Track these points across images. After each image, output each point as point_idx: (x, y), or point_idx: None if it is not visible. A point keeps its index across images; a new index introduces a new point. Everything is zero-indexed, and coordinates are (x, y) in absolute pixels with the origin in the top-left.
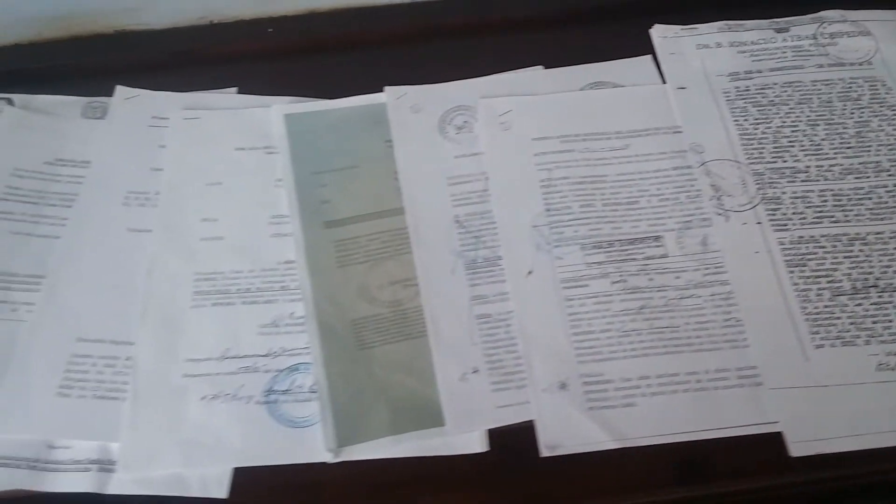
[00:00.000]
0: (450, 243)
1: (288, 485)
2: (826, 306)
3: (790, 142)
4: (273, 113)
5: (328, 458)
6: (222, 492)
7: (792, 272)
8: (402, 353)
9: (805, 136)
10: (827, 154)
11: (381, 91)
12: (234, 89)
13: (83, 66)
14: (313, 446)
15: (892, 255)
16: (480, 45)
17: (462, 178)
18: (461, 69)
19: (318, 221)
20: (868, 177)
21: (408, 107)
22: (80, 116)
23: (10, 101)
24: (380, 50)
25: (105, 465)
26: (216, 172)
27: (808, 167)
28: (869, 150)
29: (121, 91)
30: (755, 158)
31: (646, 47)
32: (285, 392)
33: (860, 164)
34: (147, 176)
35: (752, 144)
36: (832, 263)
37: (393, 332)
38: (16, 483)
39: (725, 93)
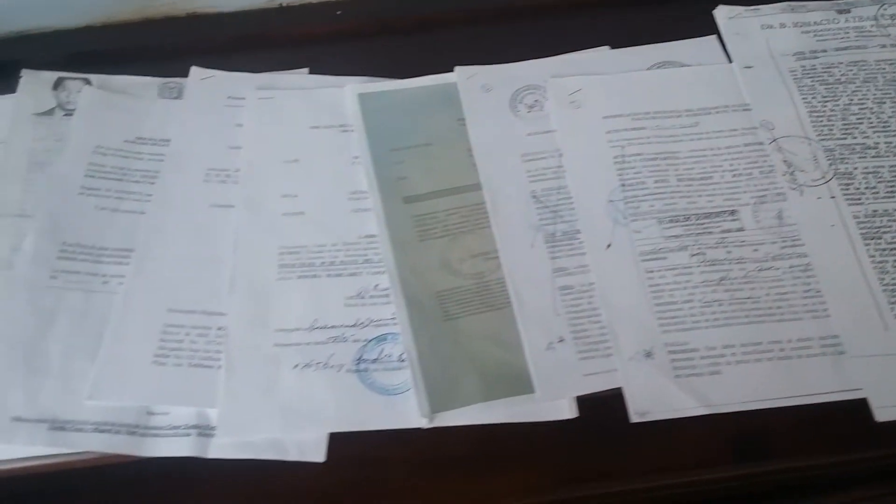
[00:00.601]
0: (528, 218)
1: (382, 450)
2: None
3: (858, 119)
4: (347, 92)
5: (423, 423)
6: (320, 456)
7: (868, 244)
8: (487, 323)
9: (872, 113)
10: (895, 131)
11: (450, 71)
12: (305, 70)
13: (156, 47)
14: (407, 413)
15: None
16: (545, 25)
17: (536, 155)
18: (527, 49)
19: (397, 197)
20: None
21: (478, 86)
22: (156, 96)
23: (87, 81)
24: (445, 31)
25: (204, 431)
26: (293, 150)
27: (877, 143)
28: None
29: (196, 72)
30: (825, 135)
31: (709, 28)
32: (375, 361)
33: None
34: (225, 154)
35: (821, 121)
36: None
37: (476, 303)
38: (117, 448)
39: (792, 71)
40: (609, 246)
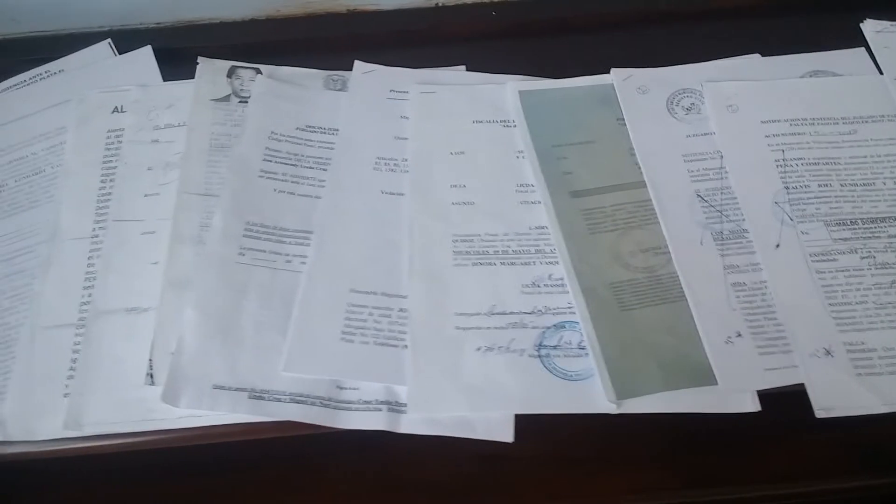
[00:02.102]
0: (694, 216)
1: (565, 432)
2: None
3: None
4: (508, 90)
5: (611, 409)
6: (508, 436)
7: None
8: (663, 315)
9: None
10: None
11: (603, 72)
12: (463, 67)
13: (318, 41)
14: (592, 398)
15: None
16: (693, 31)
17: (697, 156)
18: (676, 53)
19: (564, 191)
20: None
21: (634, 88)
22: (322, 87)
23: (258, 71)
24: (593, 33)
25: (394, 406)
26: (458, 143)
27: None
28: None
29: (359, 65)
30: None
31: (855, 39)
32: (555, 347)
33: None
34: (392, 144)
35: None
36: None
37: (650, 295)
38: (313, 418)
39: None
40: (778, 246)
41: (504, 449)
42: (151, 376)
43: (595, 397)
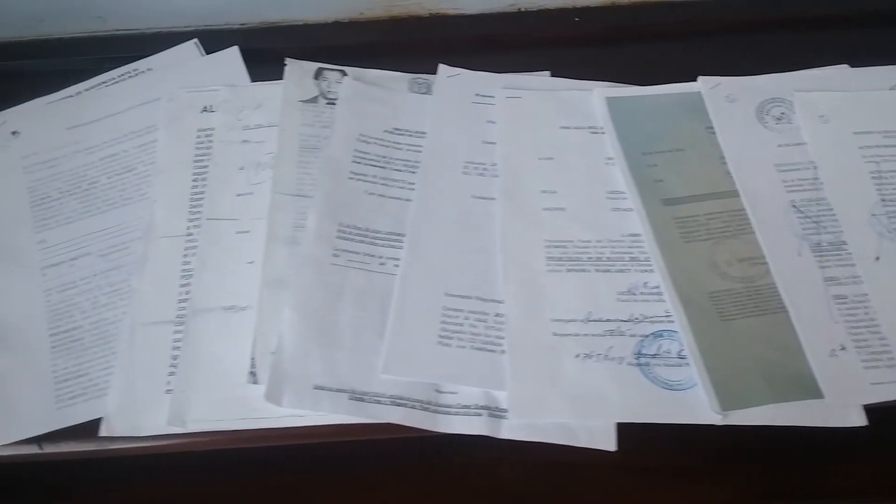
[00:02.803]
0: (791, 227)
1: (669, 442)
2: None
3: None
4: (595, 96)
5: (717, 420)
6: (610, 444)
7: None
8: (764, 326)
9: None
10: None
11: (688, 80)
12: (547, 73)
13: (401, 44)
14: (696, 408)
15: None
16: (778, 40)
17: (790, 166)
18: (760, 63)
19: (657, 199)
20: None
21: (723, 96)
22: (406, 90)
23: (344, 73)
24: (679, 41)
25: (494, 412)
26: (546, 148)
27: None
28: None
29: (443, 69)
30: None
31: None
32: (654, 356)
33: None
34: (480, 148)
35: None
36: None
37: (750, 306)
38: (414, 421)
39: None
40: (878, 259)
41: (575, 456)
42: (254, 375)
43: (699, 408)
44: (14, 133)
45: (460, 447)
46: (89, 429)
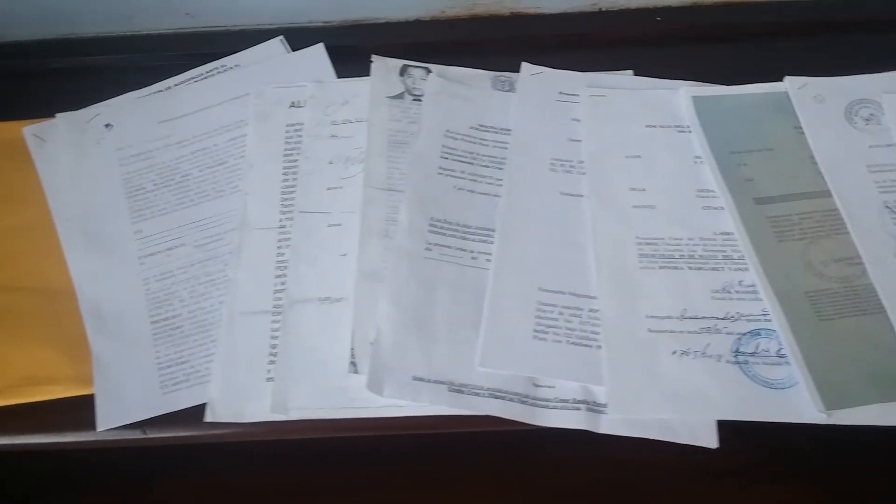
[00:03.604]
0: (885, 227)
1: (769, 441)
2: None
3: None
4: (681, 95)
5: (822, 419)
6: (712, 442)
7: None
8: (864, 327)
9: None
10: None
11: (772, 80)
12: (630, 72)
13: (483, 42)
14: (799, 407)
15: None
16: (862, 41)
17: (882, 167)
18: (845, 63)
19: (748, 198)
20: None
21: (810, 96)
22: (490, 88)
23: (428, 70)
24: (761, 41)
25: (592, 406)
26: (633, 146)
27: None
28: None
29: (526, 67)
30: None
31: None
32: (753, 355)
33: None
34: (566, 146)
35: None
36: None
37: (849, 306)
38: (513, 414)
39: None
40: None
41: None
42: (354, 365)
43: (801, 406)
44: (107, 126)
45: (544, 443)
46: (190, 414)
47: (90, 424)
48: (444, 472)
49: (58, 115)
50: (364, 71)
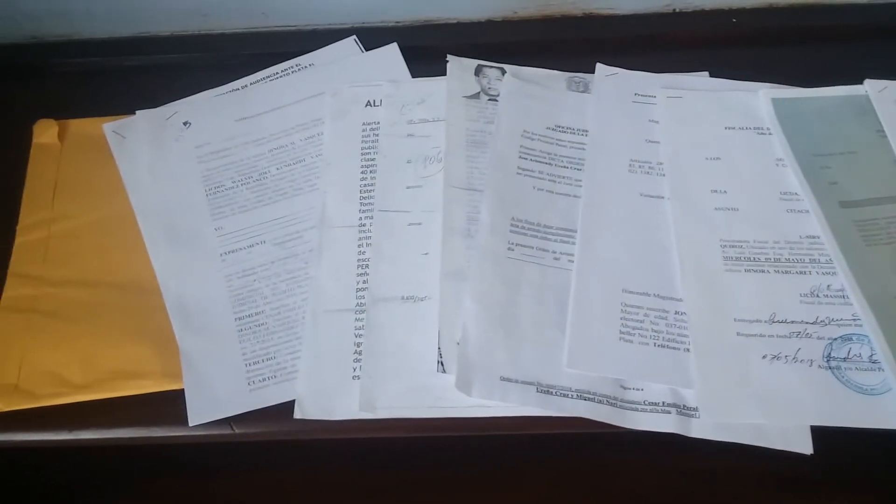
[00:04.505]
0: None
1: (866, 448)
2: None
3: None
4: (761, 97)
5: None
6: (807, 448)
7: None
8: None
9: None
10: None
11: (850, 83)
12: (706, 73)
13: (556, 43)
14: (893, 414)
15: None
16: None
17: None
18: None
19: (833, 201)
20: None
21: (892, 100)
22: (565, 88)
23: (503, 70)
24: (838, 44)
25: (683, 410)
26: (712, 148)
27: None
28: None
29: (601, 68)
30: None
31: None
32: (845, 360)
33: None
34: (645, 147)
35: None
36: None
37: None
38: (602, 416)
39: None
40: None
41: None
42: (442, 364)
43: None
44: (186, 123)
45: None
46: (276, 411)
47: (179, 419)
48: (506, 473)
49: (137, 112)
50: (436, 71)
